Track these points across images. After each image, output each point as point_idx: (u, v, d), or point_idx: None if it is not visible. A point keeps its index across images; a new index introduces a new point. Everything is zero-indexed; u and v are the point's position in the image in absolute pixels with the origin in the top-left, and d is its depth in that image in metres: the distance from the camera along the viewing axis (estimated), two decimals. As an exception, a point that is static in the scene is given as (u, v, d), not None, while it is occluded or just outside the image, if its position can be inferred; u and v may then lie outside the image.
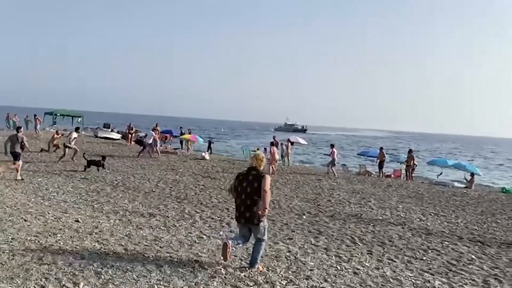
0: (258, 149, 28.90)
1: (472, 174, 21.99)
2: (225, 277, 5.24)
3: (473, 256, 7.53)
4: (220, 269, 5.46)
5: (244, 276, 5.32)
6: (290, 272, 5.72)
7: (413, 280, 5.93)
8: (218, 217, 8.97)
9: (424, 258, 7.17)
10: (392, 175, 23.89)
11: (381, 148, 23.72)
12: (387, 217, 10.69)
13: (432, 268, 6.60)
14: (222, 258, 5.59)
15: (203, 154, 22.80)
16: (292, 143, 28.35)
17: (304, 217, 9.85)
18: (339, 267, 6.18)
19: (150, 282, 4.84)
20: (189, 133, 27.88)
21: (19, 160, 12.11)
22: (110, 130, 37.06)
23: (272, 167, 18.43)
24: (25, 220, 7.21)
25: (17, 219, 7.22)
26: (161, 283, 4.85)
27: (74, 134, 17.61)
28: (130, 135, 28.14)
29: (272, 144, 19.71)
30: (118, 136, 34.80)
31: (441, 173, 24.54)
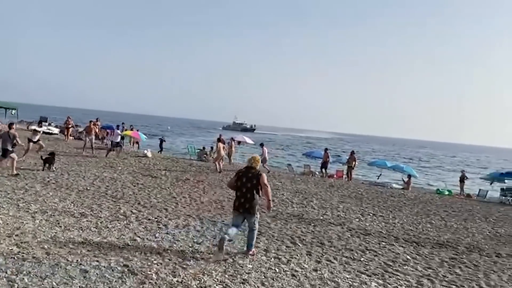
0: (204, 147, 28.52)
1: (409, 176, 22.94)
2: (155, 282, 4.92)
3: (408, 257, 7.68)
4: (151, 274, 5.13)
5: (177, 281, 5.03)
6: (226, 275, 5.50)
7: (350, 282, 5.90)
8: (156, 218, 8.55)
9: (362, 259, 7.21)
10: (335, 176, 24.40)
11: (326, 149, 24.19)
12: (327, 217, 10.76)
13: (369, 269, 6.63)
14: (218, 250, 6.17)
15: (145, 151, 22.06)
16: (238, 143, 28.26)
17: (246, 217, 9.65)
18: (277, 270, 6.03)
19: (71, 290, 4.44)
20: (131, 130, 26.92)
21: (6, 157, 12.10)
22: (47, 124, 35.05)
23: (218, 164, 18.13)
24: None
25: None
26: (84, 291, 4.45)
27: (33, 126, 16.68)
28: (67, 130, 26.74)
29: (218, 140, 19.42)
30: (56, 130, 33.00)
31: (380, 174, 25.39)
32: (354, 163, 22.89)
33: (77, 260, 5.38)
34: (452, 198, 20.00)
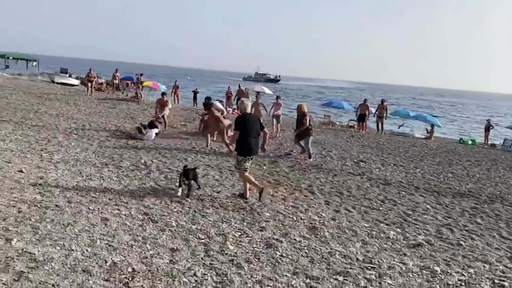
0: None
1: (432, 126, 22.45)
2: (175, 230, 5.01)
3: (428, 206, 7.62)
4: (171, 222, 5.22)
5: (196, 228, 5.11)
6: (245, 223, 5.57)
7: (368, 231, 5.91)
8: (176, 167, 8.63)
9: (381, 208, 7.18)
10: (356, 126, 24.03)
11: (365, 100, 22.09)
12: (347, 167, 10.68)
13: (388, 219, 6.61)
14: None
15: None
16: (258, 93, 28.01)
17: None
18: (295, 218, 6.07)
19: (93, 237, 4.55)
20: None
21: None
22: (67, 75, 35.21)
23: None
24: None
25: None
26: (105, 237, 4.57)
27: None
28: (90, 83, 26.01)
29: (227, 95, 19.13)
30: (76, 82, 33.16)
31: (402, 124, 24.93)
32: (386, 112, 21.63)
33: (98, 209, 5.50)
34: (475, 148, 19.58)
